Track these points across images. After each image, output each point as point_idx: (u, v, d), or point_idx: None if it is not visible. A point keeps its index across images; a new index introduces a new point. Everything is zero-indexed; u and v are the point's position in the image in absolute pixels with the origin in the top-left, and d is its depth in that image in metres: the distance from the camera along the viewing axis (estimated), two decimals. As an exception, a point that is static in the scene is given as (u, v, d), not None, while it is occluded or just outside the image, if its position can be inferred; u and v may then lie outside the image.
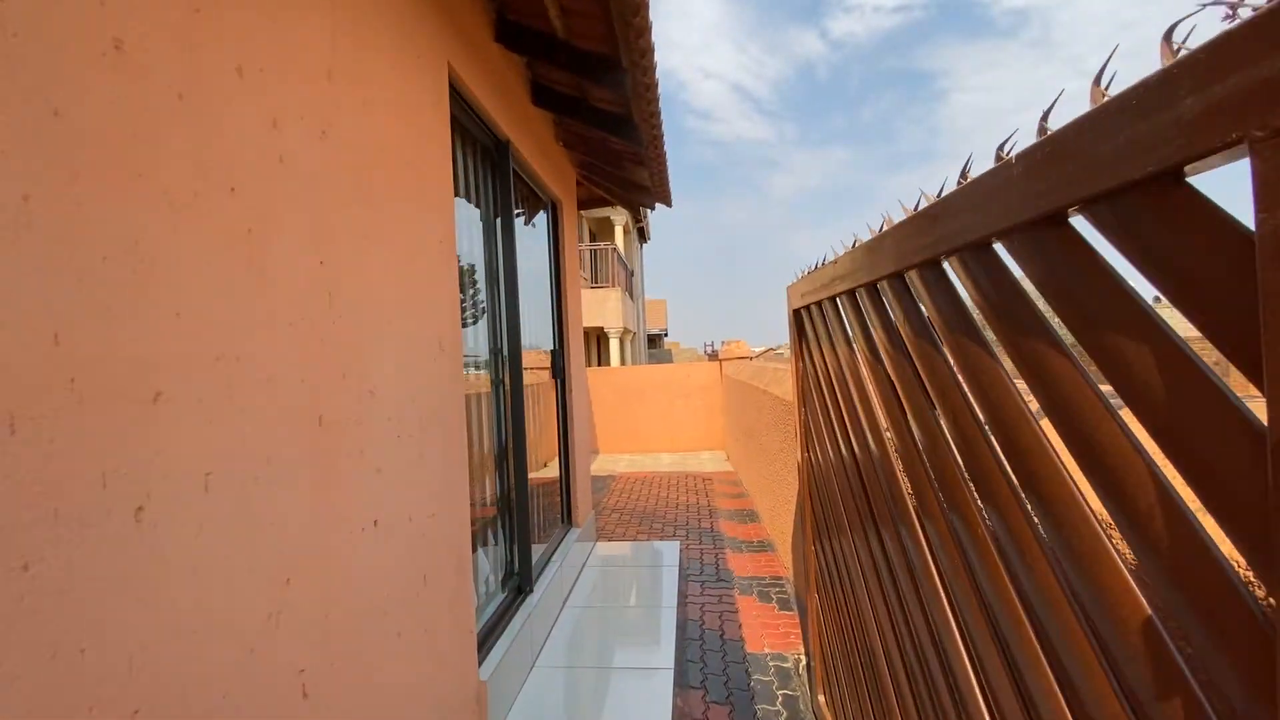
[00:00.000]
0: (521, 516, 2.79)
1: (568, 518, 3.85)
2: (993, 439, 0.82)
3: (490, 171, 2.75)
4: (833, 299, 1.78)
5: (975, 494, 0.89)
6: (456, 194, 2.40)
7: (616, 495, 6.23)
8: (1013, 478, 0.77)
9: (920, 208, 1.05)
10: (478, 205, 2.64)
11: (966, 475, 0.91)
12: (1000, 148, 0.76)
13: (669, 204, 4.91)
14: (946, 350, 0.96)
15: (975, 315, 0.87)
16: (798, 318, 2.31)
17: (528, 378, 3.28)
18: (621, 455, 9.11)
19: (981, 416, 0.85)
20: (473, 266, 2.51)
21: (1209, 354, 0.58)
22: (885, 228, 1.24)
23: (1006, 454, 0.78)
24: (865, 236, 1.40)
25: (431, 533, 1.71)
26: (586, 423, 4.28)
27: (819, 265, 1.96)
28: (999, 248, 0.77)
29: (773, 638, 2.99)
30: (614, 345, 12.98)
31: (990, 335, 0.83)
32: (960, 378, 0.91)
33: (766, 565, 3.94)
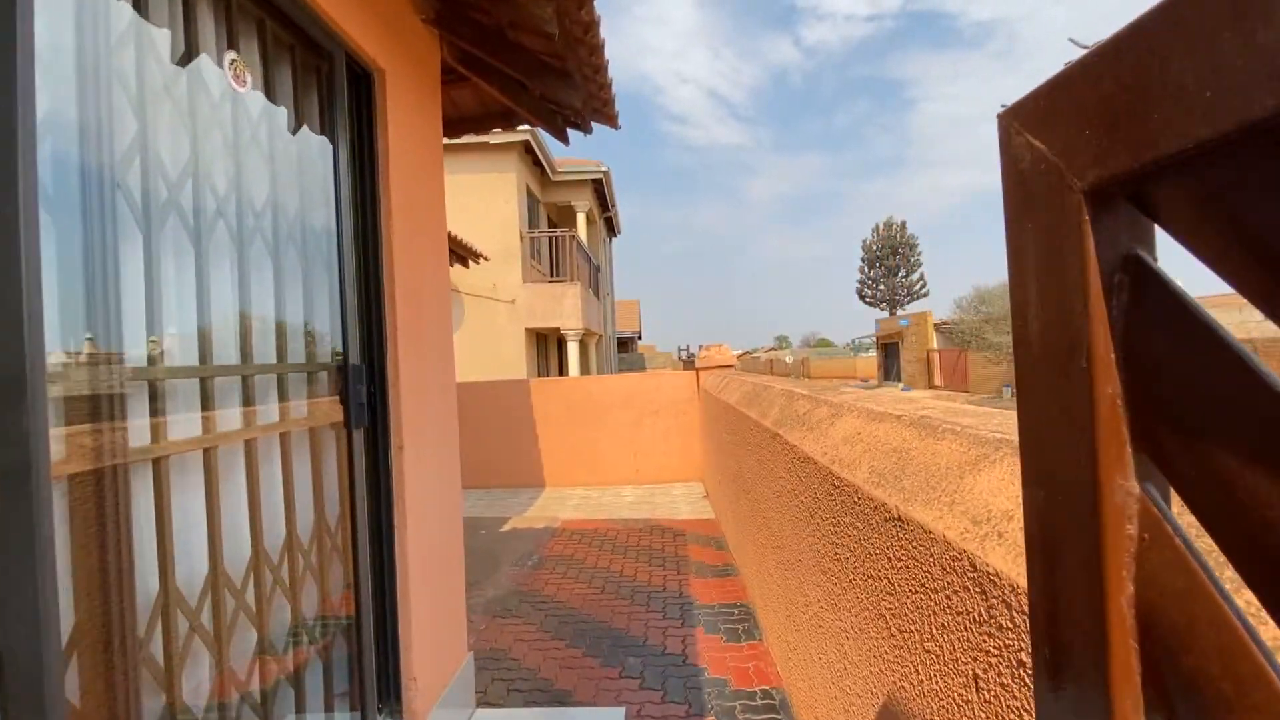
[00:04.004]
0: None
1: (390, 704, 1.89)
2: None
3: None
4: None
5: None
6: None
7: (549, 570, 4.28)
8: None
9: None
10: None
11: None
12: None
13: (613, 119, 3.00)
14: None
15: None
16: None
17: (190, 431, 1.34)
18: (573, 490, 7.17)
19: None
20: None
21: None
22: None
23: None
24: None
25: None
26: (450, 512, 2.33)
27: None
28: None
29: None
30: (573, 350, 11.03)
31: None
32: None
33: (786, 774, 2.05)
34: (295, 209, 1.64)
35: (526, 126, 10.38)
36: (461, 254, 7.55)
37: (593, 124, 3.14)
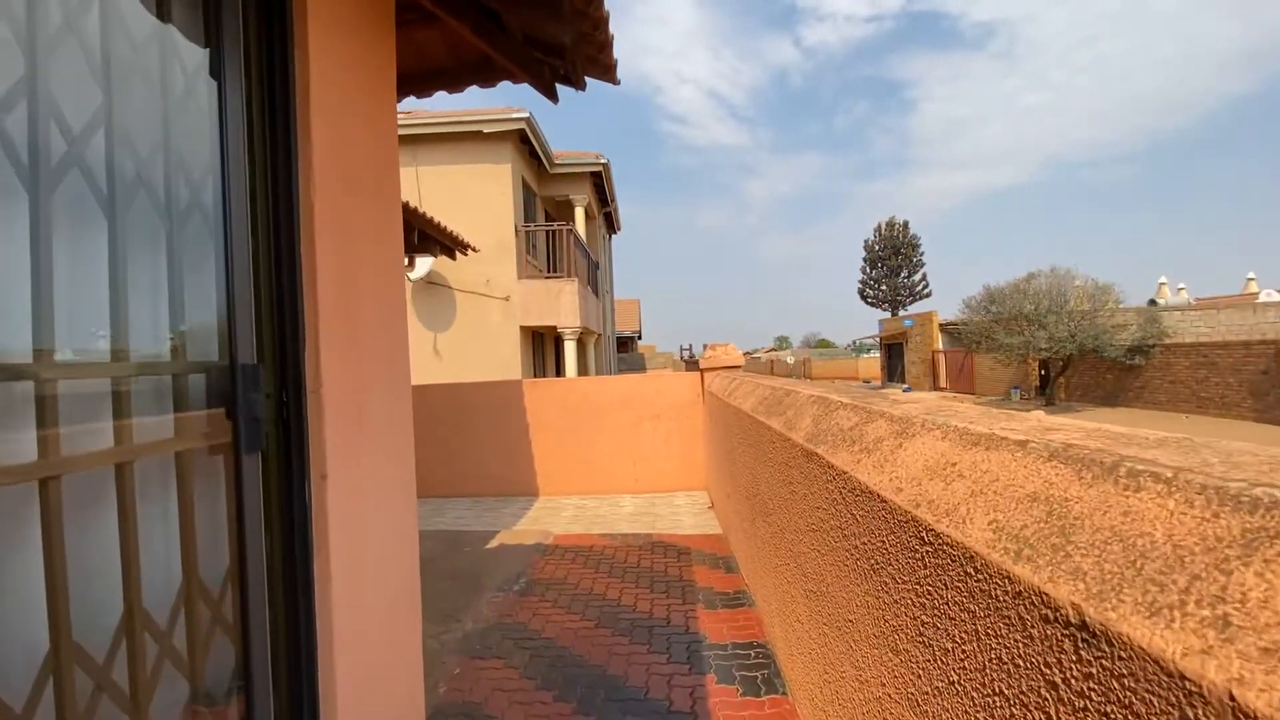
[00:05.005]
0: None
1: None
2: None
3: None
4: None
5: None
6: None
7: (537, 597, 3.79)
8: None
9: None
10: None
11: None
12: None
13: (611, 70, 2.51)
14: None
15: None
16: None
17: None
18: (568, 499, 6.68)
19: None
20: None
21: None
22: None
23: None
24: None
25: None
26: (401, 554, 1.84)
27: None
28: None
29: None
30: (570, 350, 10.54)
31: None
32: None
33: None
34: (151, 147, 1.16)
35: (523, 115, 9.92)
36: (447, 243, 7.05)
37: (587, 80, 2.65)
